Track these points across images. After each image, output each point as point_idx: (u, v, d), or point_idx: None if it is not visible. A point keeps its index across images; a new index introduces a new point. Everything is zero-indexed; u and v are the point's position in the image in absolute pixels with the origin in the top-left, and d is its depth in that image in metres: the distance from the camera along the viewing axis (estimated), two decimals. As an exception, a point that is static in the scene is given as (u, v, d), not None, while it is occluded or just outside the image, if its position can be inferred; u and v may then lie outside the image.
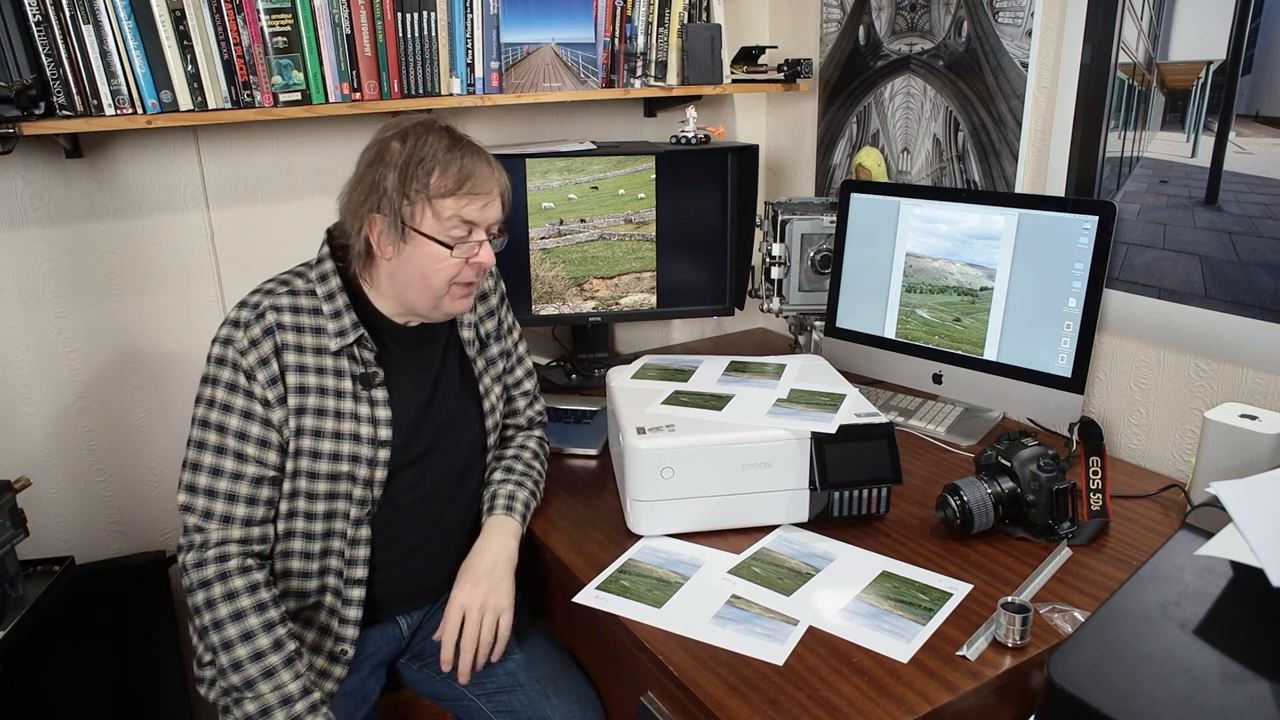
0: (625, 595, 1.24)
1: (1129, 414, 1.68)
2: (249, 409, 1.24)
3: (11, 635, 1.32)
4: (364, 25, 1.69)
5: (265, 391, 1.24)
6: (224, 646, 1.19)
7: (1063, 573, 1.28)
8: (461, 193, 1.26)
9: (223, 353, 1.25)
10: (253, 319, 1.26)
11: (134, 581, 1.75)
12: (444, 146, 1.26)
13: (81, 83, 1.51)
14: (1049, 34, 1.68)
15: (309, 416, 1.26)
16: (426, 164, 1.25)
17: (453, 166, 1.25)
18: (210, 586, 1.20)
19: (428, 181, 1.24)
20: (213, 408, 1.25)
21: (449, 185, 1.25)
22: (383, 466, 1.31)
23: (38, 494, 1.73)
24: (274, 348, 1.25)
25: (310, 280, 1.31)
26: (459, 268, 1.29)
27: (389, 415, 1.31)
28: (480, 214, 1.28)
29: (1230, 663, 0.84)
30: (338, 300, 1.30)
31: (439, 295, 1.30)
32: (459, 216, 1.26)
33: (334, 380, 1.28)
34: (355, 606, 1.31)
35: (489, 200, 1.29)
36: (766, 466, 1.35)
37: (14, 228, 1.66)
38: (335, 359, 1.29)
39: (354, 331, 1.29)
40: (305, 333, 1.28)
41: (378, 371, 1.32)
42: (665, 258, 2.09)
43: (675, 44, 2.02)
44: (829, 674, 1.08)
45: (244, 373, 1.24)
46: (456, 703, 1.42)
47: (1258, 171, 1.41)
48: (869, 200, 1.86)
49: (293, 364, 1.26)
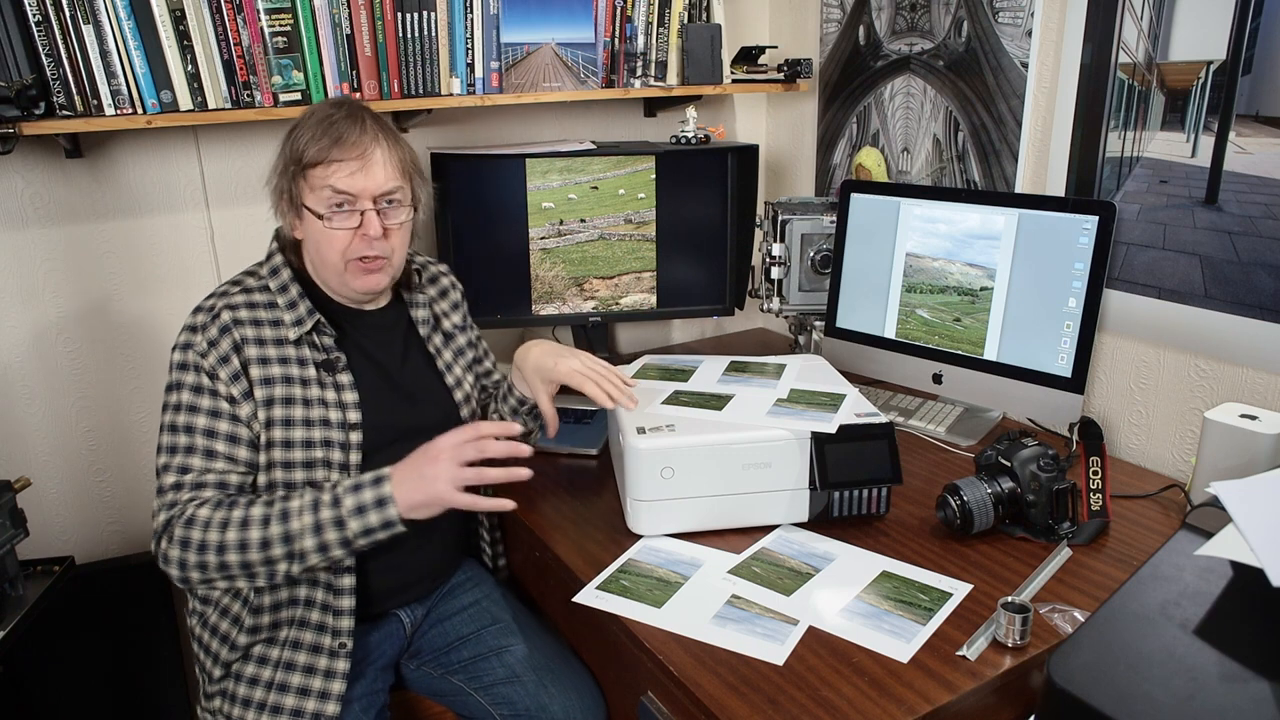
0: (625, 595, 1.24)
1: (1129, 414, 1.68)
2: (215, 408, 1.25)
3: (11, 635, 1.32)
4: (364, 25, 1.69)
5: (229, 389, 1.25)
6: (240, 548, 1.17)
7: (1063, 573, 1.28)
8: (327, 160, 1.25)
9: (183, 358, 1.27)
10: (208, 320, 1.27)
11: (134, 581, 1.75)
12: (319, 119, 1.27)
13: (81, 83, 1.51)
14: (1049, 34, 1.68)
15: (278, 407, 1.27)
16: (301, 138, 1.26)
17: (323, 138, 1.25)
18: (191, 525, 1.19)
19: (301, 154, 1.25)
20: (179, 411, 1.25)
21: (315, 155, 1.25)
22: (356, 449, 1.31)
23: (38, 494, 1.73)
24: (233, 344, 1.26)
25: (262, 276, 1.33)
26: (346, 239, 1.28)
27: (356, 398, 1.32)
28: (352, 181, 1.25)
29: (1230, 663, 0.84)
30: (291, 291, 1.31)
31: (339, 271, 1.30)
32: (330, 186, 1.25)
33: (298, 369, 1.29)
34: (348, 595, 1.31)
35: (361, 166, 1.26)
36: (766, 466, 1.35)
37: (14, 228, 1.66)
38: (296, 348, 1.30)
39: (310, 318, 1.31)
40: (264, 325, 1.29)
41: (340, 356, 1.33)
42: (665, 258, 2.09)
43: (675, 44, 2.02)
44: (829, 674, 1.08)
45: (206, 373, 1.25)
46: (456, 698, 1.42)
47: (1258, 171, 1.41)
48: (869, 200, 1.87)
49: (255, 357, 1.27)
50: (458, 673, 1.42)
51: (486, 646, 1.41)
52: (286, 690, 1.28)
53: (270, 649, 1.30)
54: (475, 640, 1.43)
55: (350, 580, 1.31)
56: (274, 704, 1.27)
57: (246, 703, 1.28)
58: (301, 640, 1.30)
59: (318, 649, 1.30)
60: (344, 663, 1.31)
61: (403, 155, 1.32)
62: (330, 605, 1.31)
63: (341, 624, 1.31)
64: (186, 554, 1.19)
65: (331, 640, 1.31)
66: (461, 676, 1.41)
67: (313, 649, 1.30)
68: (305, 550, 1.18)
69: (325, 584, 1.31)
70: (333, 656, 1.31)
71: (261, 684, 1.29)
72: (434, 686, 1.45)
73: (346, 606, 1.31)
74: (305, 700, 1.28)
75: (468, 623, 1.45)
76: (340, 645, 1.31)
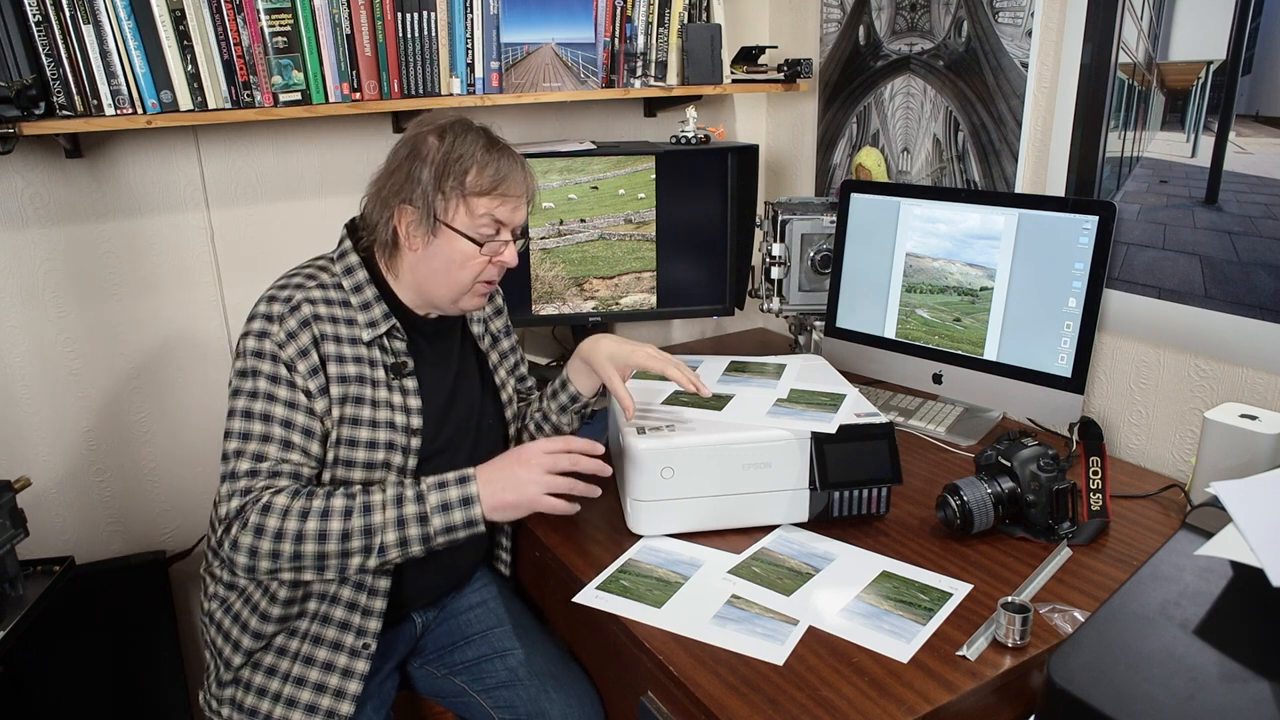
0: (625, 595, 1.24)
1: (1129, 414, 1.68)
2: (293, 399, 1.24)
3: (11, 635, 1.32)
4: (364, 25, 1.69)
5: (307, 382, 1.25)
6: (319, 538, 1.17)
7: (1063, 573, 1.28)
8: (496, 193, 1.28)
9: (259, 346, 1.24)
10: (287, 311, 1.26)
11: (134, 581, 1.76)
12: (482, 146, 1.29)
13: (81, 83, 1.51)
14: (1049, 34, 1.68)
15: (349, 405, 1.28)
16: (465, 161, 1.27)
17: (489, 167, 1.28)
18: (268, 513, 1.17)
19: (464, 179, 1.27)
20: (256, 399, 1.23)
21: (484, 185, 1.27)
22: (414, 455, 1.32)
23: (38, 494, 1.73)
24: (312, 339, 1.26)
25: (335, 273, 1.32)
26: (484, 265, 1.31)
27: (419, 404, 1.33)
28: (510, 215, 1.31)
29: (1230, 663, 0.84)
30: (366, 292, 1.32)
31: (462, 290, 1.32)
32: (491, 215, 1.29)
33: (370, 370, 1.30)
34: (381, 598, 1.31)
35: (519, 203, 1.32)
36: (766, 466, 1.35)
37: (14, 228, 1.66)
38: (368, 349, 1.31)
39: (385, 322, 1.32)
40: (340, 324, 1.29)
41: (408, 361, 1.34)
42: (665, 258, 2.08)
43: (675, 44, 2.02)
44: (829, 674, 1.08)
45: (284, 364, 1.24)
46: (457, 699, 1.42)
47: (1258, 171, 1.41)
48: (869, 200, 1.86)
49: (332, 354, 1.27)
50: (460, 674, 1.42)
51: (490, 648, 1.42)
52: (304, 684, 1.28)
53: (291, 640, 1.30)
54: (479, 641, 1.43)
55: (386, 583, 1.31)
56: (289, 696, 1.28)
57: (262, 692, 1.28)
58: (323, 636, 1.29)
59: (339, 646, 1.30)
60: (364, 663, 1.30)
61: (534, 190, 1.36)
62: (360, 605, 1.30)
63: (370, 625, 1.31)
64: (260, 541, 1.17)
65: (355, 639, 1.30)
66: (464, 678, 1.41)
67: (334, 646, 1.30)
68: (386, 544, 1.18)
69: (356, 583, 1.30)
70: (353, 655, 1.30)
71: (279, 675, 1.29)
72: (437, 687, 1.45)
73: (378, 609, 1.31)
74: (321, 696, 1.28)
75: (473, 623, 1.46)
76: (364, 646, 1.30)
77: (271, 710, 1.27)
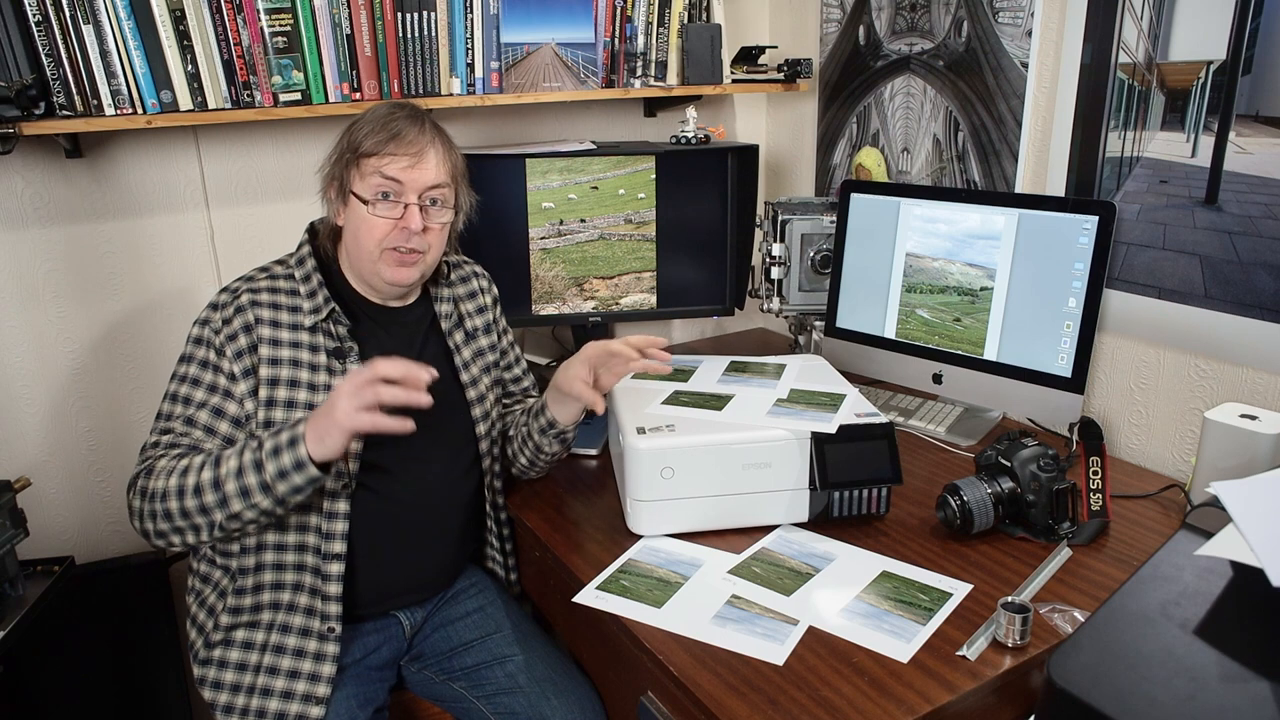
0: (625, 595, 1.24)
1: (1129, 414, 1.68)
2: (213, 383, 1.31)
3: (11, 635, 1.31)
4: (364, 25, 1.69)
5: (233, 365, 1.30)
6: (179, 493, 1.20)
7: (1063, 573, 1.28)
8: (384, 152, 1.30)
9: (199, 333, 1.33)
10: (229, 300, 1.33)
11: (134, 581, 1.75)
12: (383, 112, 1.33)
13: (81, 83, 1.51)
14: (1049, 34, 1.68)
15: (281, 388, 1.31)
16: (362, 127, 1.32)
17: (383, 130, 1.31)
18: (149, 475, 1.23)
19: (359, 143, 1.31)
20: (181, 382, 1.32)
21: (372, 145, 1.30)
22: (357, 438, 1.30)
23: (38, 494, 1.73)
24: (244, 323, 1.31)
25: (289, 265, 1.38)
26: (386, 229, 1.31)
27: None
28: (404, 173, 1.31)
29: (1230, 663, 0.84)
30: (312, 280, 1.36)
31: (373, 259, 1.33)
32: (380, 173, 1.30)
33: (308, 354, 1.33)
34: (335, 582, 1.31)
35: (415, 161, 1.31)
36: (766, 466, 1.35)
37: (14, 228, 1.65)
38: (311, 334, 1.34)
39: (326, 307, 1.35)
40: (282, 310, 1.34)
41: (352, 346, 1.36)
42: (665, 258, 2.08)
43: (675, 44, 2.02)
44: (829, 674, 1.08)
45: (215, 349, 1.30)
46: (456, 704, 1.42)
47: (1258, 171, 1.41)
48: (869, 200, 1.86)
49: (266, 337, 1.32)
50: (459, 679, 1.42)
51: (489, 654, 1.42)
52: (276, 673, 1.30)
53: (255, 633, 1.32)
54: (478, 647, 1.43)
55: (337, 567, 1.32)
56: (264, 686, 1.29)
57: (236, 688, 1.31)
58: (290, 624, 1.32)
59: (307, 632, 1.32)
60: (334, 646, 1.31)
61: (454, 160, 1.38)
62: (319, 590, 1.32)
63: (330, 609, 1.32)
64: (143, 503, 1.23)
65: (320, 624, 1.32)
66: (463, 683, 1.41)
67: (302, 632, 1.32)
68: (228, 495, 1.19)
69: (313, 568, 1.32)
70: (322, 640, 1.31)
71: (250, 668, 1.31)
72: (435, 691, 1.45)
73: (334, 592, 1.32)
74: (295, 682, 1.29)
75: (470, 629, 1.45)
76: (329, 629, 1.31)
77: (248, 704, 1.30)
